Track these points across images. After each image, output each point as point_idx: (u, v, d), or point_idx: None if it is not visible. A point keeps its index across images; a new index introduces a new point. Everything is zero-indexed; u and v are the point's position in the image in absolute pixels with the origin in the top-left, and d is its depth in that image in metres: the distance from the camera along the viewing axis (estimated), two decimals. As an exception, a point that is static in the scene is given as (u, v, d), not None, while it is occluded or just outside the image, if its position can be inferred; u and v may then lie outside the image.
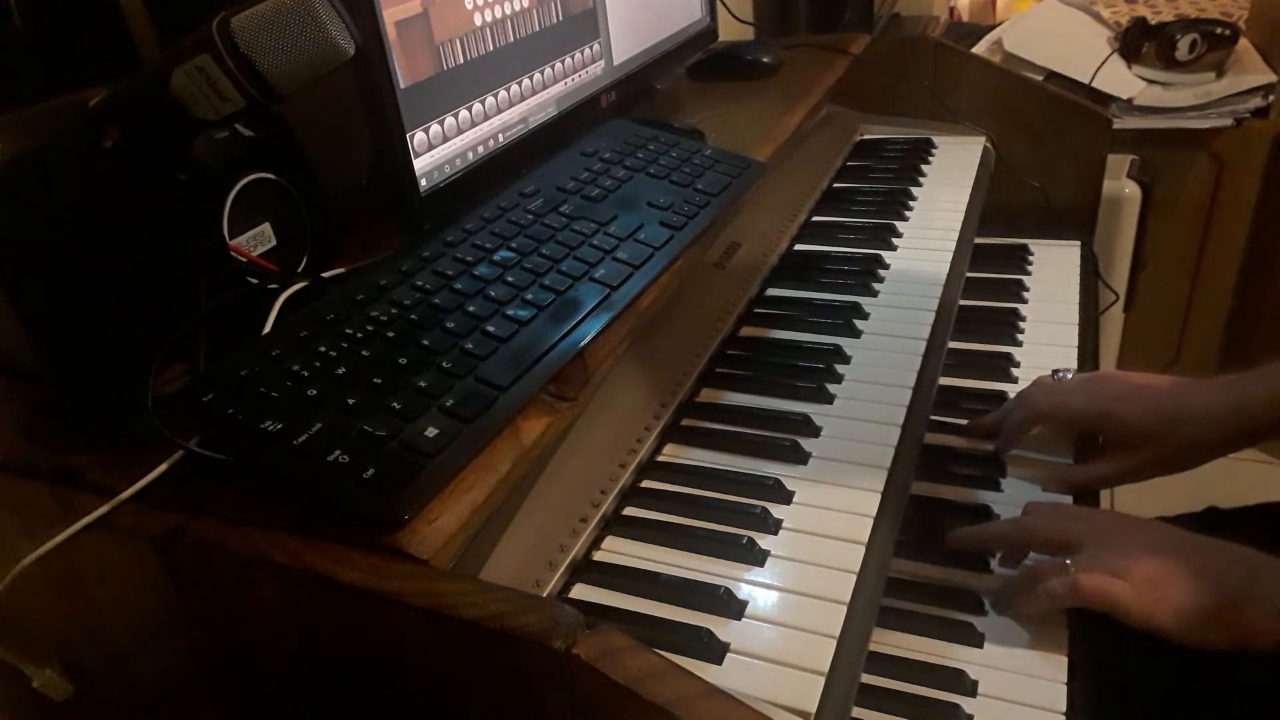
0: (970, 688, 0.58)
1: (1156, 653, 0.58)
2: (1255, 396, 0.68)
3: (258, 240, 0.65)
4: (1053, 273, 1.03)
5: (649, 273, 0.66)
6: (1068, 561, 0.60)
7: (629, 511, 0.62)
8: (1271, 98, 1.53)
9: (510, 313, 0.60)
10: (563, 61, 0.82)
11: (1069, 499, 0.73)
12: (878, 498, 0.60)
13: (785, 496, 0.62)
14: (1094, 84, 1.57)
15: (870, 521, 0.59)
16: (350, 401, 0.51)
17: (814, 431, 0.67)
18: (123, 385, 0.55)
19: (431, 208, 0.69)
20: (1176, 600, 0.57)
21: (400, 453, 0.49)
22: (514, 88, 0.76)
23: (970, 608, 0.64)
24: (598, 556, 0.59)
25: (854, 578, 0.55)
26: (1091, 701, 0.58)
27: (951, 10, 2.25)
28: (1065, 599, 0.59)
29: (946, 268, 0.87)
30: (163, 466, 0.52)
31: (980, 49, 1.72)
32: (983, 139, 1.12)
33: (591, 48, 0.86)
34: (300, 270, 0.68)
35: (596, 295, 0.63)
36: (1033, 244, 1.07)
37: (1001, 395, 0.84)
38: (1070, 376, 0.79)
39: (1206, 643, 0.56)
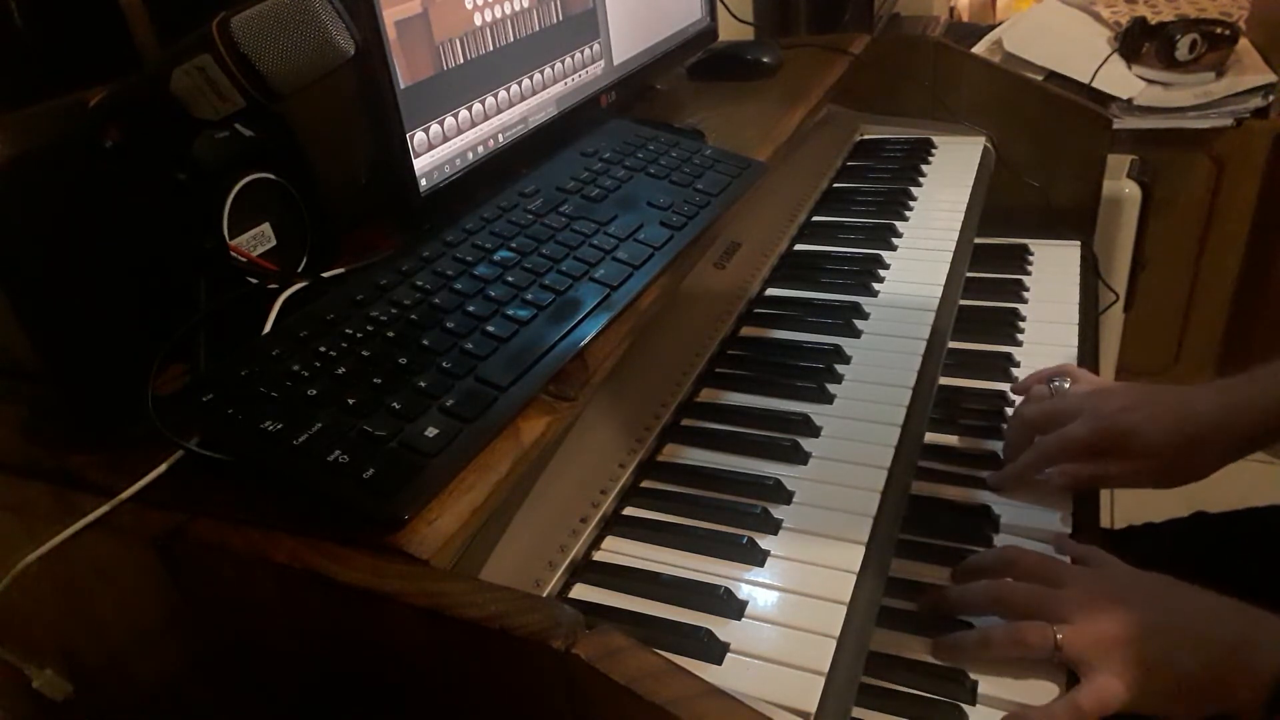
0: (970, 688, 0.58)
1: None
2: (1253, 404, 0.66)
3: (258, 240, 0.65)
4: (1053, 273, 1.03)
5: (649, 273, 0.66)
6: (1056, 634, 0.57)
7: (629, 511, 0.62)
8: (1271, 98, 1.53)
9: (510, 313, 0.60)
10: (563, 61, 0.82)
11: (1069, 504, 0.72)
12: (878, 498, 0.60)
13: (785, 496, 0.62)
14: (1094, 84, 1.57)
15: (870, 521, 0.59)
16: (350, 401, 0.51)
17: (814, 431, 0.67)
18: (123, 385, 0.55)
19: (431, 208, 0.69)
20: (1165, 689, 0.55)
21: (400, 453, 0.49)
22: (514, 88, 0.76)
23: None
24: (598, 556, 0.59)
25: (854, 578, 0.55)
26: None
27: (951, 10, 2.25)
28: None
29: (946, 268, 0.87)
30: (163, 467, 0.52)
31: (980, 49, 1.72)
32: (983, 139, 1.12)
33: (591, 48, 0.86)
34: (300, 270, 0.68)
35: (596, 295, 0.63)
36: (1033, 244, 1.07)
37: (1001, 395, 0.84)
38: (1067, 386, 0.77)
39: (1195, 717, 0.55)
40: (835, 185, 1.06)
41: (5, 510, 0.56)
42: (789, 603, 0.54)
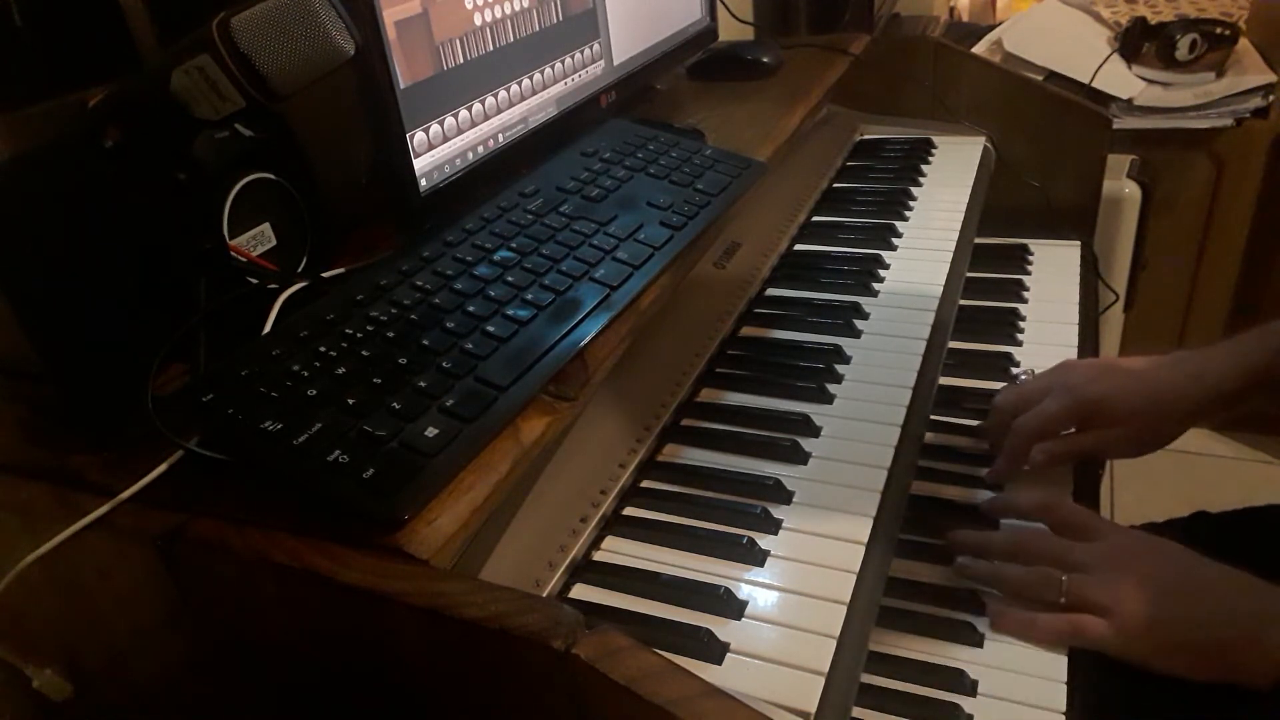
0: (970, 688, 0.58)
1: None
2: (1222, 366, 0.69)
3: (258, 240, 0.65)
4: (1053, 273, 1.03)
5: (649, 273, 0.66)
6: (1064, 578, 0.60)
7: (629, 511, 0.62)
8: (1271, 98, 1.53)
9: (510, 313, 0.60)
10: (563, 61, 0.82)
11: (1069, 492, 0.73)
12: (878, 498, 0.61)
13: (785, 496, 0.62)
14: (1094, 84, 1.57)
15: (870, 521, 0.59)
16: (350, 401, 0.51)
17: (814, 431, 0.67)
18: (123, 385, 0.55)
19: (431, 208, 0.69)
20: (1170, 647, 0.57)
21: (400, 453, 0.49)
22: (514, 88, 0.76)
23: (970, 608, 0.64)
24: (598, 556, 0.59)
25: (854, 577, 0.55)
26: (1091, 701, 0.58)
27: (951, 10, 2.25)
28: (1058, 639, 0.60)
29: (946, 268, 0.87)
30: (163, 466, 0.52)
31: (980, 49, 1.72)
32: (983, 139, 1.12)
33: (591, 48, 0.86)
34: (300, 270, 0.68)
35: (596, 295, 0.63)
36: (1033, 244, 1.07)
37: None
38: (1032, 376, 0.78)
39: (1197, 679, 0.56)
40: (835, 185, 1.06)
41: (5, 510, 0.56)
42: (789, 603, 0.54)
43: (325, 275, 0.66)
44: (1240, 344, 0.70)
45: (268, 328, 0.60)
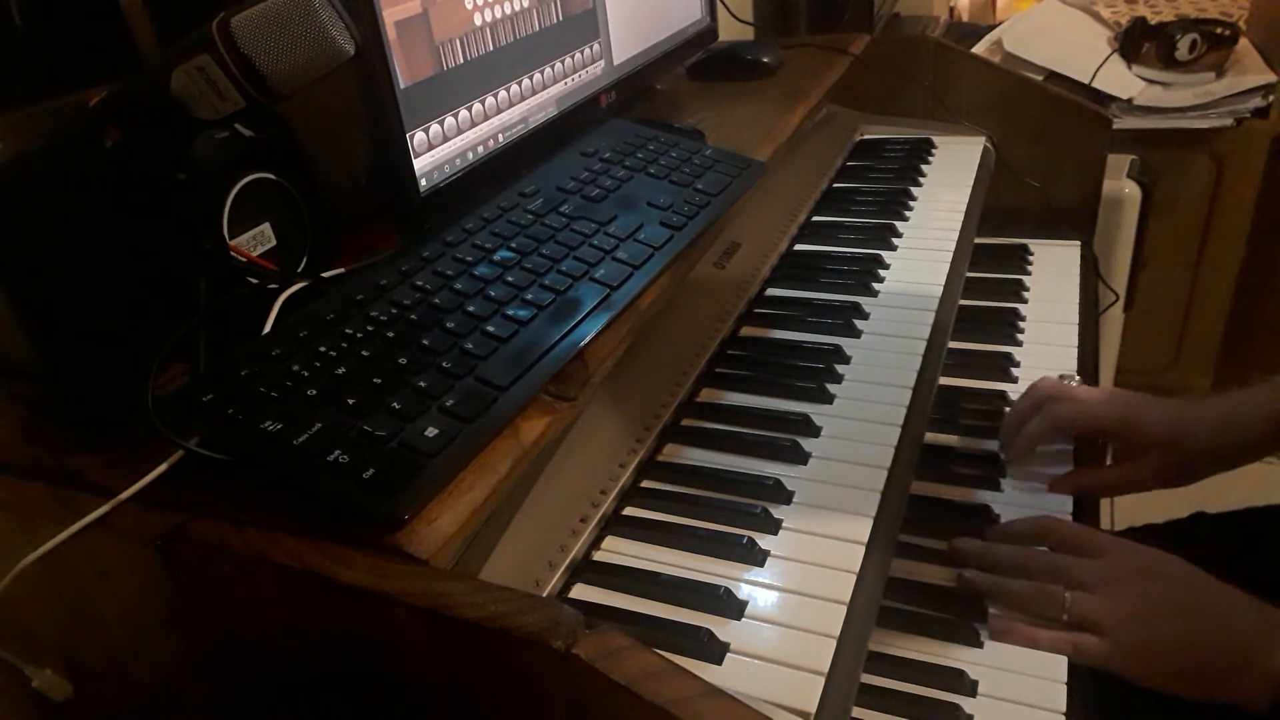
0: (970, 688, 0.58)
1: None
2: (1249, 413, 0.69)
3: (258, 240, 0.65)
4: (1053, 273, 1.03)
5: (649, 273, 0.66)
6: (1066, 595, 0.61)
7: (629, 511, 0.62)
8: (1271, 98, 1.53)
9: (510, 313, 0.60)
10: (563, 61, 0.82)
11: (1069, 505, 0.73)
12: (878, 497, 0.61)
13: (785, 496, 0.62)
14: (1094, 84, 1.57)
15: (870, 522, 0.59)
16: (350, 401, 0.51)
17: (814, 431, 0.67)
18: (123, 385, 0.55)
19: (431, 208, 0.69)
20: (1167, 668, 0.58)
21: (400, 453, 0.49)
22: (514, 88, 0.76)
23: (970, 608, 0.64)
24: (598, 556, 0.59)
25: (854, 578, 0.55)
26: (1091, 701, 0.58)
27: (951, 10, 2.25)
28: (1055, 651, 0.60)
29: (946, 268, 0.87)
30: (163, 466, 0.52)
31: (980, 49, 1.72)
32: (983, 139, 1.12)
33: (591, 48, 0.86)
34: (300, 270, 0.68)
35: (596, 295, 0.63)
36: (1033, 244, 1.07)
37: (1001, 395, 0.84)
38: (1077, 383, 0.79)
39: (1195, 699, 0.57)
40: (835, 185, 1.06)
41: (5, 510, 0.56)
42: (789, 603, 0.54)
43: (325, 275, 0.66)
44: (1271, 389, 0.69)
45: (268, 328, 0.60)
